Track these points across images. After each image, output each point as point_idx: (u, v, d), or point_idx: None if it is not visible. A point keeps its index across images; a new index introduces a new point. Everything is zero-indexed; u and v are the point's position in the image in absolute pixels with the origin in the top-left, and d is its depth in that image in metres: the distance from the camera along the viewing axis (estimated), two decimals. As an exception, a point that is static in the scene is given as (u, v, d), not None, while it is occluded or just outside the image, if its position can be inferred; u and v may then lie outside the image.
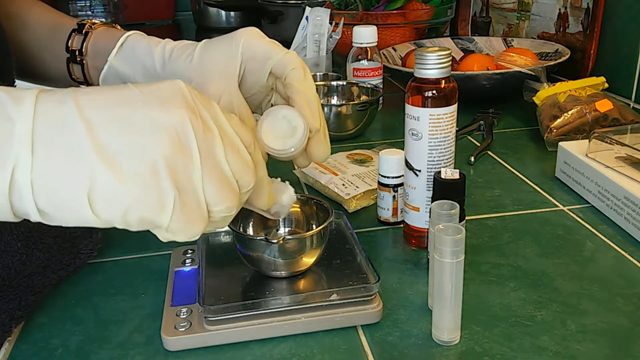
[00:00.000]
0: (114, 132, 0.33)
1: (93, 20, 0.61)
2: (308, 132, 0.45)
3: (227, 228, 0.55)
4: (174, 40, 0.53)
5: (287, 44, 1.12)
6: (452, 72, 0.56)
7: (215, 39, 0.49)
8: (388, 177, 0.62)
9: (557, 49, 1.09)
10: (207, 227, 0.37)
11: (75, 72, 0.58)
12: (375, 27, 1.01)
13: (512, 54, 1.04)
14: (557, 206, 0.67)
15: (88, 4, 1.88)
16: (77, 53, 0.57)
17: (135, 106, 0.34)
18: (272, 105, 0.52)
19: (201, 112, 0.35)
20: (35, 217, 0.33)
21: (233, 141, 0.36)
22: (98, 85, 0.56)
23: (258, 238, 0.49)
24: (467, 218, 0.64)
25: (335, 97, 0.98)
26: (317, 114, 0.46)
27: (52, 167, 0.32)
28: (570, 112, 0.81)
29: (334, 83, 0.98)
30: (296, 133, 0.45)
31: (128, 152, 0.33)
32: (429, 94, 0.54)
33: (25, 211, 0.33)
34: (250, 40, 0.47)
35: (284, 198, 0.45)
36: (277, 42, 0.48)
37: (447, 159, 0.56)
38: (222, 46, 0.48)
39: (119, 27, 0.59)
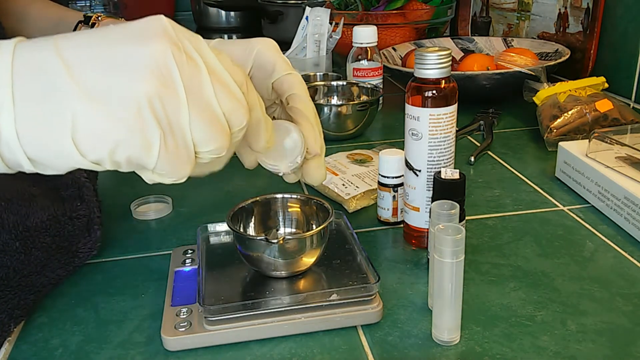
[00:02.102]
0: (94, 71, 0.32)
1: (99, 14, 0.60)
2: (304, 154, 0.45)
3: (227, 228, 0.55)
4: None
5: (287, 44, 1.12)
6: (452, 72, 0.56)
7: (232, 40, 0.48)
8: (388, 177, 0.62)
9: (557, 49, 1.09)
10: (200, 170, 0.36)
11: None
12: (375, 27, 1.01)
13: (512, 54, 1.04)
14: (557, 206, 0.67)
15: (88, 4, 1.88)
16: None
17: (115, 43, 0.33)
18: (274, 118, 0.51)
19: (185, 45, 0.33)
20: (28, 167, 0.33)
21: (222, 77, 0.35)
22: None
23: (258, 238, 0.49)
24: (467, 218, 0.64)
25: (335, 97, 0.98)
26: (318, 138, 0.46)
27: (35, 113, 0.31)
28: (570, 112, 0.81)
29: (334, 83, 0.98)
30: (293, 153, 0.44)
31: (109, 91, 0.32)
32: (429, 94, 0.54)
33: (18, 162, 0.32)
34: (264, 51, 0.46)
35: (286, 141, 0.43)
36: (287, 59, 0.47)
37: (447, 159, 0.56)
38: (237, 46, 0.47)
39: (124, 20, 0.59)
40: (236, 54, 0.47)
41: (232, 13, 1.86)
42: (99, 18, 0.57)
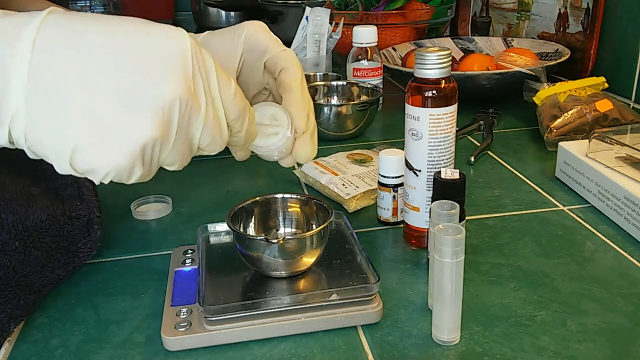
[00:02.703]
0: (105, 98, 0.34)
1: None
2: (293, 133, 0.45)
3: (227, 228, 0.55)
4: None
5: (287, 44, 1.12)
6: (452, 72, 0.56)
7: (221, 29, 0.49)
8: (388, 177, 0.62)
9: (557, 49, 1.09)
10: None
11: None
12: (375, 27, 1.01)
13: (512, 54, 1.04)
14: (557, 206, 0.67)
15: (88, 4, 1.88)
16: None
17: (132, 68, 0.34)
18: None
19: (196, 87, 0.36)
20: (33, 157, 0.36)
21: (217, 117, 0.38)
22: None
23: (258, 238, 0.49)
24: (467, 218, 0.64)
25: (335, 97, 0.98)
26: (304, 114, 0.45)
27: (41, 128, 0.34)
28: (570, 112, 0.81)
29: (334, 83, 0.98)
30: (280, 133, 0.44)
31: (114, 124, 0.34)
32: (429, 94, 0.54)
33: (24, 149, 0.35)
34: (253, 33, 0.47)
35: (271, 123, 0.45)
36: (278, 39, 0.48)
37: (447, 159, 0.56)
38: (226, 36, 0.48)
39: None
40: (226, 43, 0.47)
41: (232, 13, 1.86)
42: None
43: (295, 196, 0.56)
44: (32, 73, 0.33)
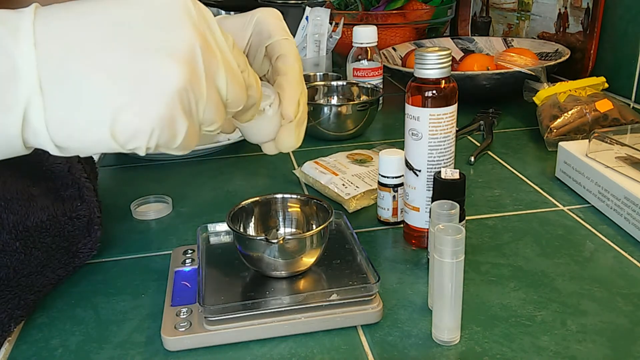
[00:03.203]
0: (126, 53, 0.32)
1: None
2: (279, 117, 0.44)
3: (227, 228, 0.55)
4: None
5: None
6: (452, 72, 0.56)
7: (234, 15, 0.48)
8: (388, 177, 0.62)
9: (557, 49, 1.09)
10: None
11: None
12: (375, 27, 1.01)
13: (512, 54, 1.04)
14: (557, 206, 0.67)
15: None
16: None
17: (138, 24, 0.33)
18: None
19: (205, 35, 0.35)
20: (53, 152, 0.33)
21: (232, 64, 0.36)
22: None
23: (258, 238, 0.49)
24: (467, 218, 0.64)
25: (335, 97, 0.98)
26: (295, 100, 0.44)
27: (66, 104, 0.31)
28: (570, 112, 0.81)
29: (334, 83, 0.98)
30: (266, 113, 0.43)
31: (143, 78, 0.32)
32: (429, 94, 0.54)
33: (42, 146, 0.33)
34: (263, 18, 0.46)
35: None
36: (286, 28, 0.47)
37: (447, 159, 0.56)
38: (238, 19, 0.47)
39: None
40: (237, 24, 0.47)
41: (232, 13, 1.86)
42: None
43: (295, 196, 0.56)
44: (39, 49, 0.31)
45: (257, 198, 0.55)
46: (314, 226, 0.54)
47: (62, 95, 0.31)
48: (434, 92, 0.54)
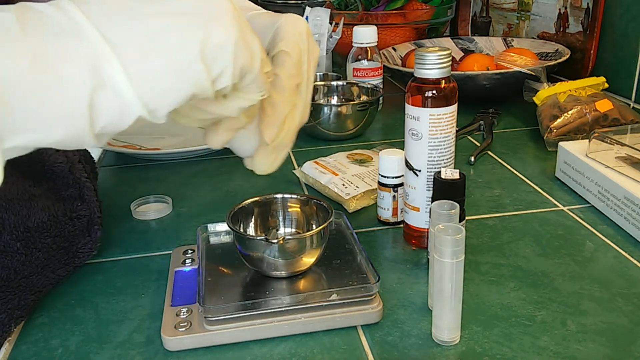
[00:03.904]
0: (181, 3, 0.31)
1: None
2: (256, 135, 0.41)
3: (227, 228, 0.55)
4: None
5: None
6: (452, 72, 0.56)
7: (265, 12, 0.46)
8: (388, 177, 0.62)
9: (557, 49, 1.09)
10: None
11: None
12: (375, 27, 1.01)
13: (512, 54, 1.04)
14: (557, 206, 0.67)
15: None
16: None
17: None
18: None
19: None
20: (137, 113, 0.30)
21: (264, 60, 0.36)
22: None
23: (258, 238, 0.49)
24: (467, 218, 0.64)
25: (335, 97, 0.98)
26: (275, 124, 0.40)
27: (142, 49, 0.30)
28: (570, 112, 0.81)
29: (334, 83, 0.98)
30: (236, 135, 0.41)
31: (208, 8, 0.32)
32: (429, 94, 0.54)
33: (125, 112, 0.30)
34: (283, 25, 0.43)
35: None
36: (300, 41, 0.42)
37: (447, 159, 0.56)
38: (266, 18, 0.45)
39: None
40: (262, 25, 0.44)
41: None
42: None
43: (295, 196, 0.56)
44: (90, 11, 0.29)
45: (257, 198, 0.55)
46: (314, 226, 0.54)
47: (135, 43, 0.30)
48: (434, 92, 0.54)
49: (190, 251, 0.57)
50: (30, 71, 0.28)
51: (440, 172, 0.52)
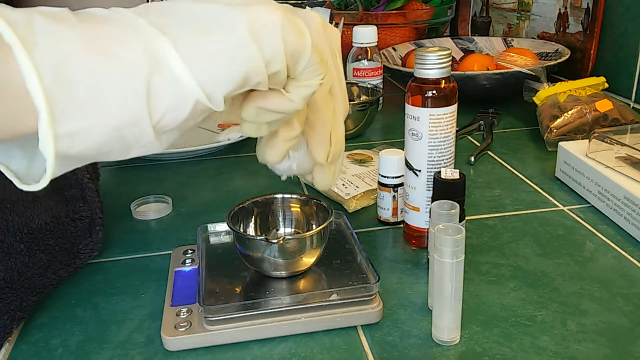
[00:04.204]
0: None
1: None
2: (307, 159, 0.42)
3: (227, 228, 0.55)
4: None
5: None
6: (452, 72, 0.56)
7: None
8: (388, 177, 0.62)
9: (557, 49, 1.09)
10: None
11: None
12: (375, 27, 1.01)
13: (512, 54, 1.04)
14: (557, 206, 0.67)
15: (88, 4, 1.88)
16: None
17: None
18: None
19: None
20: (194, 98, 0.30)
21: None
22: None
23: (258, 238, 0.49)
24: (467, 218, 0.64)
25: (335, 97, 0.98)
26: (325, 145, 0.40)
27: (200, 40, 0.30)
28: (570, 112, 0.81)
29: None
30: (289, 160, 0.42)
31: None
32: (429, 94, 0.54)
33: (183, 96, 0.30)
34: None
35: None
36: (329, 27, 0.43)
37: (447, 159, 0.56)
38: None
39: None
40: None
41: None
42: None
43: (295, 196, 0.56)
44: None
45: (257, 198, 0.55)
46: (314, 226, 0.54)
47: (185, 28, 0.30)
48: (434, 92, 0.54)
49: (190, 251, 0.57)
50: (87, 51, 0.28)
51: (440, 172, 0.52)
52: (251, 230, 0.55)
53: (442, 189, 0.52)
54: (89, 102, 0.28)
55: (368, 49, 1.00)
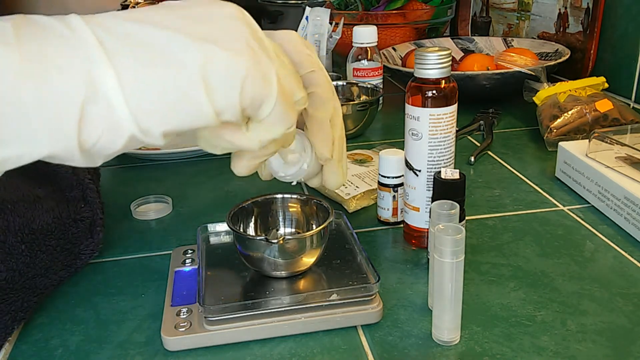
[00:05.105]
0: (190, 23, 0.30)
1: (137, 0, 0.59)
2: (314, 161, 0.43)
3: (227, 228, 0.55)
4: None
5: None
6: (452, 72, 0.56)
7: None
8: (388, 177, 0.62)
9: (557, 49, 1.09)
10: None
11: None
12: (375, 27, 1.01)
13: (512, 54, 1.04)
14: (557, 206, 0.67)
15: (88, 4, 1.88)
16: None
17: (203, 20, 0.31)
18: None
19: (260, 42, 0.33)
20: (130, 132, 0.29)
21: (287, 66, 0.35)
22: None
23: (258, 238, 0.49)
24: (467, 218, 0.64)
25: (335, 97, 0.98)
26: (329, 142, 0.41)
27: (141, 65, 0.28)
28: (570, 112, 0.81)
29: (334, 83, 0.98)
30: (299, 162, 0.43)
31: (215, 32, 0.30)
32: (429, 94, 0.54)
33: (116, 129, 0.28)
34: (286, 46, 0.41)
35: (291, 148, 0.42)
36: (313, 55, 0.42)
37: (447, 159, 0.56)
38: None
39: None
40: None
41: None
42: (136, 6, 0.56)
43: (295, 196, 0.56)
44: (99, 28, 0.29)
45: (257, 198, 0.55)
46: (314, 226, 0.54)
47: (134, 55, 0.28)
48: (434, 92, 0.54)
49: (190, 251, 0.57)
50: (19, 76, 0.26)
51: (440, 172, 0.52)
52: (251, 230, 0.55)
53: (442, 189, 0.52)
54: (18, 131, 0.27)
55: (368, 49, 1.00)
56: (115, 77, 0.28)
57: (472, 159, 0.80)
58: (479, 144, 0.86)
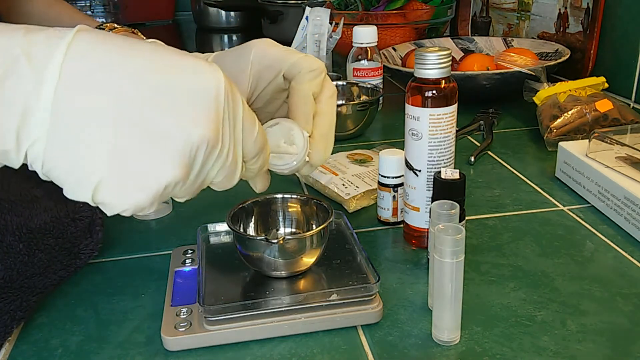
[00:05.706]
0: (130, 138, 0.33)
1: (114, 25, 0.60)
2: (307, 142, 0.44)
3: (227, 228, 0.55)
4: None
5: (287, 44, 1.12)
6: (452, 72, 0.56)
7: (229, 50, 0.47)
8: (388, 177, 0.62)
9: (557, 49, 1.09)
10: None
11: None
12: (375, 27, 1.01)
13: (512, 54, 1.04)
14: (557, 206, 0.67)
15: (88, 4, 1.88)
16: None
17: (163, 109, 0.33)
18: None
19: (224, 131, 0.35)
20: (43, 177, 0.34)
21: (236, 159, 0.38)
22: None
23: (258, 238, 0.49)
24: (467, 218, 0.64)
25: (335, 97, 0.98)
26: (308, 117, 0.44)
27: (63, 162, 0.33)
28: (570, 112, 0.81)
29: (334, 83, 0.98)
30: (292, 147, 0.43)
31: (138, 165, 0.33)
32: (429, 94, 0.54)
33: (33, 168, 0.34)
34: (262, 51, 0.45)
35: (288, 142, 0.44)
36: (292, 49, 0.46)
37: (447, 159, 0.56)
38: (235, 55, 0.46)
39: (140, 33, 0.57)
40: (235, 63, 0.46)
41: (232, 13, 1.86)
42: (112, 31, 0.56)
43: (295, 196, 0.56)
44: (56, 104, 0.31)
45: (257, 198, 0.55)
46: (314, 226, 0.54)
47: (61, 152, 0.32)
48: (434, 92, 0.54)
49: (190, 251, 0.57)
50: None
51: (440, 172, 0.52)
52: (251, 230, 0.55)
53: (442, 189, 0.52)
54: None
55: (368, 49, 1.00)
56: (41, 161, 0.33)
57: (472, 159, 0.80)
58: (479, 144, 0.86)
